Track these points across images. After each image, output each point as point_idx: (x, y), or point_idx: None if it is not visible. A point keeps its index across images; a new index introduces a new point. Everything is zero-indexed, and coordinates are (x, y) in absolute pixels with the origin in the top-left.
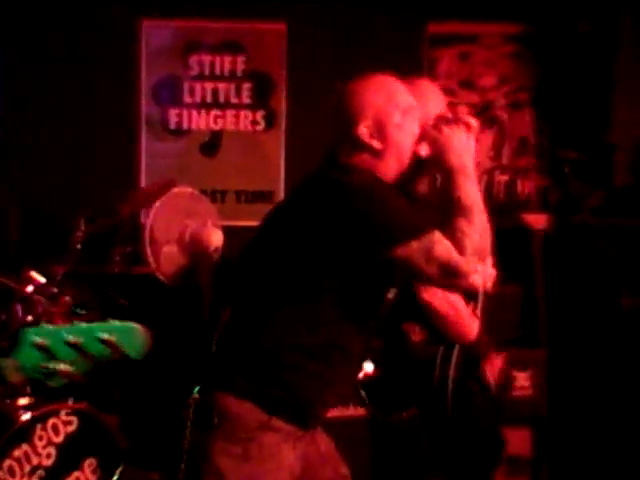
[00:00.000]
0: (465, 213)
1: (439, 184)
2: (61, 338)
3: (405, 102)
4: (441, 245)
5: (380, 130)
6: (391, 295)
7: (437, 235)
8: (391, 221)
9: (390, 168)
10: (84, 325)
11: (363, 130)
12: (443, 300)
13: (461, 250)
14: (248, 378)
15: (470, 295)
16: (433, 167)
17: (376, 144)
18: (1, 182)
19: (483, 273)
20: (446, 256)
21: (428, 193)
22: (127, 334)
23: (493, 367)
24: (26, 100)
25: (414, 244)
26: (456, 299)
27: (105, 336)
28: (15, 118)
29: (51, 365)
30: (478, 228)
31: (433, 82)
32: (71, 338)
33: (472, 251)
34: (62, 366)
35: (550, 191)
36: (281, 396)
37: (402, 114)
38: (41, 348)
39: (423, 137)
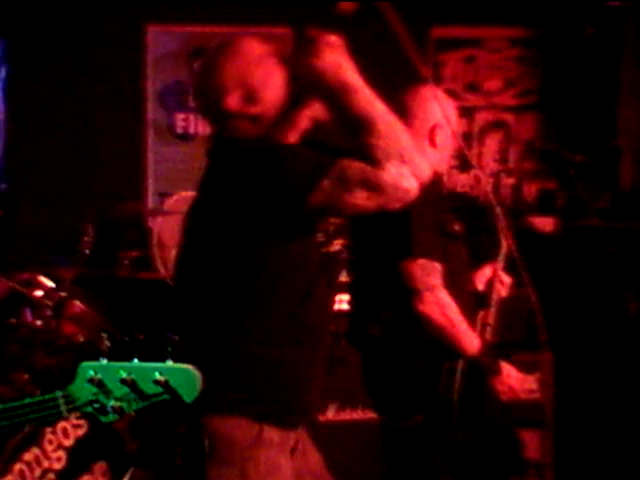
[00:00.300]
0: (364, 126)
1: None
2: (116, 375)
3: (263, 55)
4: (351, 168)
5: (251, 95)
6: (336, 247)
7: (342, 162)
8: (292, 173)
9: (272, 124)
10: (140, 364)
11: (236, 101)
12: (439, 312)
13: (375, 163)
14: (226, 391)
15: (481, 303)
16: (317, 99)
17: (253, 109)
18: (7, 187)
19: (416, 172)
20: (361, 175)
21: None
22: (182, 376)
23: (505, 382)
24: (33, 105)
25: (325, 183)
26: (454, 311)
27: (160, 377)
28: (21, 122)
29: (104, 401)
30: (384, 133)
31: (437, 87)
32: (126, 376)
33: (388, 158)
34: (115, 403)
35: (556, 194)
36: (263, 397)
37: (265, 69)
38: (96, 383)
39: (291, 77)
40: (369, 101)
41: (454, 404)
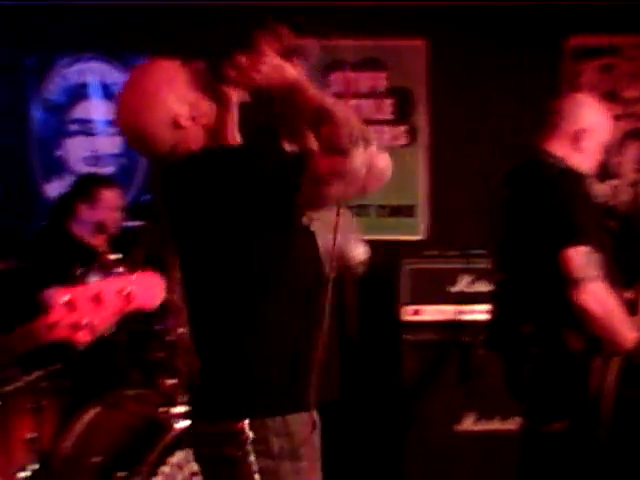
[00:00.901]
0: (323, 117)
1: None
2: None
3: (179, 70)
4: (321, 163)
5: (195, 106)
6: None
7: (312, 158)
8: (278, 176)
9: (231, 128)
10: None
11: (188, 117)
12: (600, 303)
13: (343, 152)
14: (282, 390)
15: (633, 308)
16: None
17: (205, 118)
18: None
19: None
20: (332, 168)
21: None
22: (142, 284)
23: None
24: None
25: (303, 182)
26: (614, 303)
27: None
28: None
29: None
30: (344, 119)
31: (591, 95)
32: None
33: (354, 144)
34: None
35: None
36: (309, 384)
37: (190, 81)
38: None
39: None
40: (315, 93)
41: (607, 403)
